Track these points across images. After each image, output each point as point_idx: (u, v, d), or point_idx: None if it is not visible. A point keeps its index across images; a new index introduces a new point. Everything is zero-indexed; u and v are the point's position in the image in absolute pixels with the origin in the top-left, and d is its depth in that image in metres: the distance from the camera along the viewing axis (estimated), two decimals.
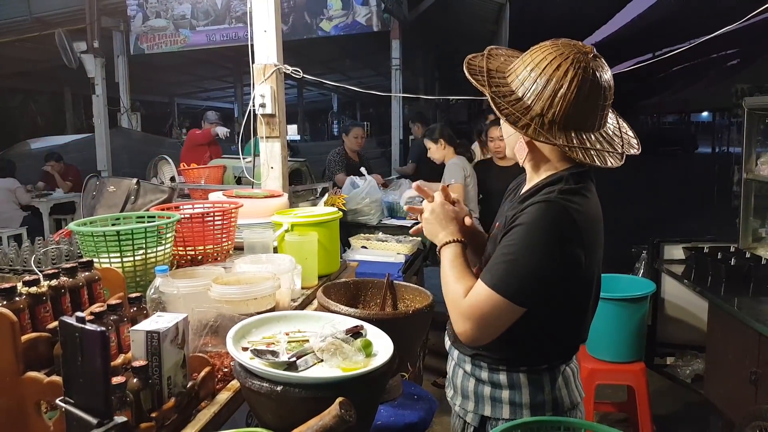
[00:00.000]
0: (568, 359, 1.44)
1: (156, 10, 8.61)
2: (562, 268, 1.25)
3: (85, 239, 1.65)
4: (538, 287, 1.25)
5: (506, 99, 1.30)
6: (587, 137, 1.28)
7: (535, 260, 1.24)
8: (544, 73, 1.26)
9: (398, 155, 8.26)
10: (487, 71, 1.35)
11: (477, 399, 1.43)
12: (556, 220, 1.25)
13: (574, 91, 1.24)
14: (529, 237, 1.25)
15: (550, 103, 1.25)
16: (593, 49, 1.28)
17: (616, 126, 1.39)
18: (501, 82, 1.34)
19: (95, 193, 2.42)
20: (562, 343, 1.41)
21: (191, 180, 3.67)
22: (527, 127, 1.26)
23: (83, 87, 9.67)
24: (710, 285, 3.16)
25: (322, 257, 2.11)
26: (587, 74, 1.24)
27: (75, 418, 0.76)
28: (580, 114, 1.27)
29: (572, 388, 1.43)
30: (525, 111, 1.27)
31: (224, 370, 1.37)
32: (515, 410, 1.38)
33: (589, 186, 1.36)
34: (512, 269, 1.25)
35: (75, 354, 0.74)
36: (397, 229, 4.09)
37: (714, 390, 3.05)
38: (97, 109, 8.40)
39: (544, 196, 1.29)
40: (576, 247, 1.25)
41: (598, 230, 1.34)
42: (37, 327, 1.16)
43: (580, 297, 1.36)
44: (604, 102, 1.29)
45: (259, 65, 2.83)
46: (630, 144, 1.36)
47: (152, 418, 1.08)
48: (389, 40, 8.02)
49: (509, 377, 1.39)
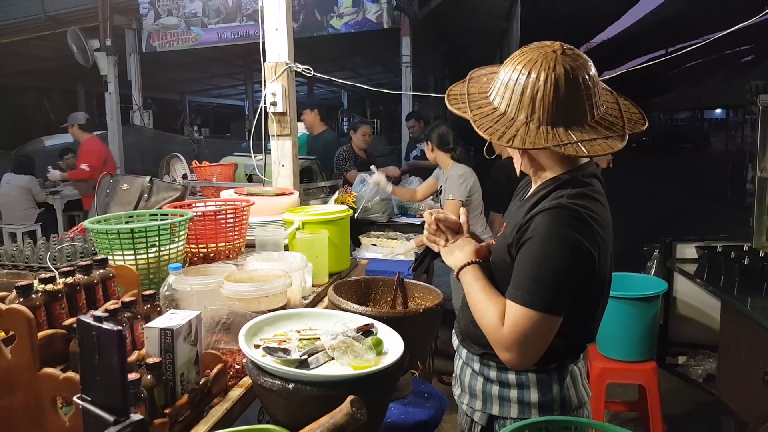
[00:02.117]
0: (576, 358, 1.44)
1: (167, 8, 8.66)
2: (582, 270, 1.26)
3: (99, 237, 1.67)
4: (566, 293, 1.26)
5: (489, 117, 1.31)
6: (579, 130, 1.27)
7: (558, 267, 1.24)
8: (518, 83, 1.27)
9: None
10: (468, 95, 1.37)
11: (485, 398, 1.43)
12: (570, 225, 1.25)
13: (551, 91, 1.24)
14: (548, 246, 1.25)
15: (532, 108, 1.26)
16: (562, 45, 1.28)
17: (616, 108, 1.36)
18: (483, 103, 1.35)
19: (109, 191, 2.45)
20: (571, 343, 1.41)
21: (203, 178, 3.69)
22: (513, 139, 1.26)
23: (96, 84, 9.74)
24: (723, 284, 3.13)
25: (332, 255, 2.12)
26: (559, 71, 1.24)
27: (92, 415, 0.77)
28: (565, 110, 1.26)
29: (579, 387, 1.43)
30: (510, 123, 1.28)
31: (236, 367, 1.38)
32: (523, 409, 1.38)
33: (594, 186, 1.36)
34: (540, 281, 1.25)
35: (92, 352, 0.75)
36: (407, 227, 4.09)
37: (726, 390, 3.03)
38: (109, 107, 8.47)
39: (554, 202, 1.30)
40: (591, 248, 1.25)
41: (608, 230, 1.34)
42: (53, 324, 1.18)
43: (594, 297, 1.37)
44: (587, 91, 1.27)
45: (271, 63, 2.84)
46: (634, 121, 1.34)
47: (166, 414, 1.10)
48: (399, 37, 8.01)
49: (518, 377, 1.39)
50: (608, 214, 1.37)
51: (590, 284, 1.32)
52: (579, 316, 1.36)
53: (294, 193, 2.66)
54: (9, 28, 8.97)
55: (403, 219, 4.26)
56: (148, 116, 9.48)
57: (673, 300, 3.74)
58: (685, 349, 3.78)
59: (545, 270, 1.24)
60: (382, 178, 3.98)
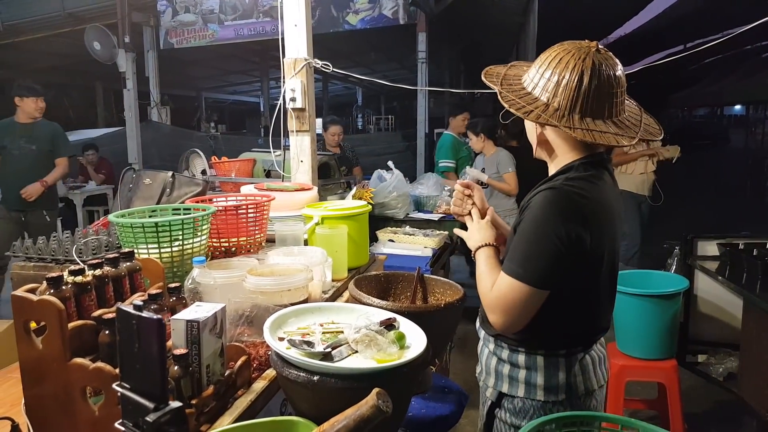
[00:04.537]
0: (587, 346, 1.47)
1: (185, 5, 8.72)
2: (569, 248, 1.31)
3: (124, 230, 1.69)
4: (551, 269, 1.32)
5: (515, 93, 1.41)
6: (594, 122, 1.34)
7: (543, 242, 1.32)
8: (549, 67, 1.37)
9: (423, 149, 8.23)
10: (504, 76, 1.48)
11: (497, 376, 1.51)
12: (559, 203, 1.33)
13: (575, 79, 1.31)
14: (536, 222, 1.34)
15: (555, 92, 1.34)
16: (597, 44, 1.36)
17: (637, 118, 1.43)
18: (515, 82, 1.46)
19: (132, 186, 2.48)
20: (579, 330, 1.46)
21: (222, 173, 3.72)
22: (529, 113, 1.35)
23: (114, 81, 9.85)
24: (745, 282, 3.09)
25: (351, 250, 2.13)
26: (587, 63, 1.32)
27: (131, 402, 0.78)
28: (585, 101, 1.33)
29: (590, 376, 1.46)
30: (532, 101, 1.37)
31: (260, 359, 1.40)
32: (529, 390, 1.44)
33: (599, 174, 1.41)
34: (526, 255, 1.34)
35: (131, 341, 0.76)
36: (424, 222, 4.09)
37: (748, 389, 2.99)
38: (127, 103, 8.56)
39: (550, 183, 1.39)
40: (579, 228, 1.31)
41: (606, 215, 1.39)
42: (82, 315, 1.20)
43: (591, 280, 1.41)
44: (609, 89, 1.34)
45: (290, 59, 2.85)
46: (650, 132, 1.42)
47: (192, 404, 1.11)
48: (415, 33, 7.98)
49: (527, 359, 1.45)
50: (610, 200, 1.42)
51: (583, 265, 1.36)
52: (581, 300, 1.42)
53: (313, 189, 2.67)
54: (29, 26, 9.09)
55: (419, 215, 4.26)
56: (166, 112, 9.57)
57: (694, 298, 3.69)
58: (705, 347, 3.73)
59: (532, 246, 1.34)
60: (478, 172, 4.54)
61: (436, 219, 4.11)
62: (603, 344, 1.55)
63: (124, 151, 8.64)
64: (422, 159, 8.19)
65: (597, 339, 1.50)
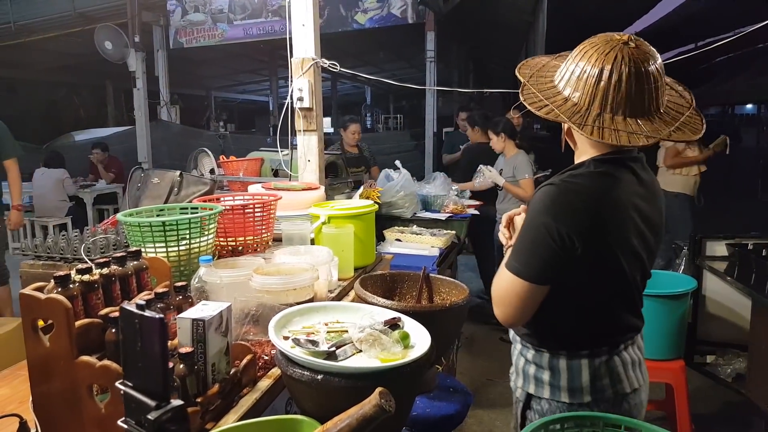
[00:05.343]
0: (613, 347, 1.41)
1: (194, 4, 8.77)
2: (561, 243, 1.28)
3: (132, 229, 1.71)
4: (546, 264, 1.31)
5: (540, 85, 1.38)
6: (614, 119, 1.27)
7: (535, 237, 1.31)
8: (574, 61, 1.33)
9: (432, 148, 8.23)
10: (542, 67, 1.44)
11: (525, 376, 1.49)
12: (553, 199, 1.31)
13: (595, 74, 1.27)
14: (529, 218, 1.35)
15: (576, 87, 1.31)
16: (630, 37, 1.29)
17: (678, 115, 1.35)
18: (548, 74, 1.41)
19: (140, 185, 2.50)
20: (598, 329, 1.41)
21: (230, 172, 3.74)
22: (541, 108, 1.32)
23: (124, 81, 9.92)
24: (754, 282, 3.07)
25: (358, 249, 2.13)
26: (610, 58, 1.26)
27: (134, 400, 0.79)
28: (605, 96, 1.27)
29: (620, 378, 1.41)
30: (553, 95, 1.34)
31: (265, 358, 1.41)
32: (554, 391, 1.42)
33: (615, 171, 1.35)
34: (522, 250, 1.35)
35: (134, 339, 0.78)
36: (431, 222, 4.09)
37: (757, 390, 2.97)
38: (137, 102, 8.62)
39: (552, 179, 1.36)
40: (571, 224, 1.28)
41: (613, 212, 1.33)
42: (89, 313, 1.21)
43: (599, 277, 1.35)
44: (638, 85, 1.26)
45: (297, 59, 2.86)
46: (684, 132, 1.33)
47: (197, 402, 1.12)
48: (424, 32, 7.98)
49: (551, 359, 1.43)
50: (620, 197, 1.34)
51: (585, 259, 1.30)
52: (591, 297, 1.37)
53: (320, 188, 2.68)
54: (40, 25, 9.17)
55: (427, 214, 4.26)
56: (175, 112, 9.63)
57: (703, 298, 3.67)
58: (714, 348, 3.71)
59: (526, 241, 1.34)
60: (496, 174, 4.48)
61: (444, 218, 4.11)
62: (640, 347, 1.50)
63: (134, 150, 8.71)
64: (431, 158, 8.19)
65: (625, 340, 1.44)
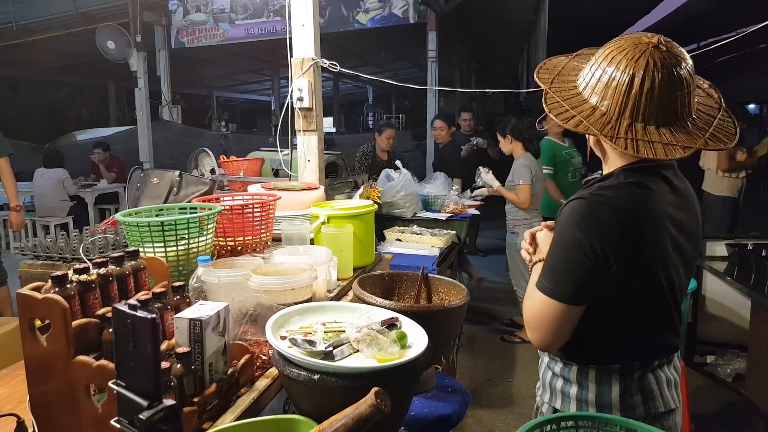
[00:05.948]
0: (647, 362, 1.34)
1: (196, 4, 8.77)
2: (595, 259, 1.21)
3: (130, 229, 1.71)
4: (581, 283, 1.24)
5: (564, 92, 1.31)
6: (646, 128, 1.21)
7: (568, 255, 1.24)
8: (600, 66, 1.26)
9: (433, 148, 8.22)
10: (561, 70, 1.37)
11: (552, 391, 1.43)
12: (582, 214, 1.25)
13: (625, 82, 1.20)
14: (560, 235, 1.28)
15: (604, 94, 1.24)
16: (659, 39, 1.21)
17: (710, 120, 1.27)
18: (570, 78, 1.35)
19: (139, 185, 2.50)
20: (631, 342, 1.33)
21: (230, 172, 3.74)
22: (570, 119, 1.25)
23: (126, 80, 9.93)
24: (754, 283, 3.07)
25: (357, 249, 2.14)
26: (641, 64, 1.19)
27: (126, 400, 0.80)
28: (636, 105, 1.21)
29: (653, 396, 1.33)
30: (579, 103, 1.27)
31: (263, 358, 1.41)
32: (581, 406, 1.36)
33: (647, 181, 1.28)
34: (551, 269, 1.28)
35: (126, 339, 0.78)
36: (431, 222, 4.09)
37: (756, 390, 2.97)
38: (139, 102, 8.62)
39: (581, 192, 1.29)
40: (602, 238, 1.21)
41: (647, 223, 1.25)
42: (86, 313, 1.21)
43: (633, 291, 1.27)
44: (670, 92, 1.20)
45: (297, 59, 2.86)
46: (719, 138, 1.24)
47: (194, 402, 1.12)
48: (425, 32, 7.98)
49: (579, 373, 1.37)
50: (655, 209, 1.26)
51: (619, 273, 1.23)
52: (625, 311, 1.29)
53: (319, 188, 2.68)
54: (42, 25, 9.18)
55: (427, 214, 4.26)
56: (177, 111, 9.63)
57: (702, 298, 3.67)
58: (713, 348, 3.72)
59: (558, 259, 1.27)
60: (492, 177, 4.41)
61: (444, 218, 4.12)
62: (677, 368, 1.41)
63: (135, 150, 8.72)
64: (432, 158, 8.18)
65: (661, 357, 1.36)
